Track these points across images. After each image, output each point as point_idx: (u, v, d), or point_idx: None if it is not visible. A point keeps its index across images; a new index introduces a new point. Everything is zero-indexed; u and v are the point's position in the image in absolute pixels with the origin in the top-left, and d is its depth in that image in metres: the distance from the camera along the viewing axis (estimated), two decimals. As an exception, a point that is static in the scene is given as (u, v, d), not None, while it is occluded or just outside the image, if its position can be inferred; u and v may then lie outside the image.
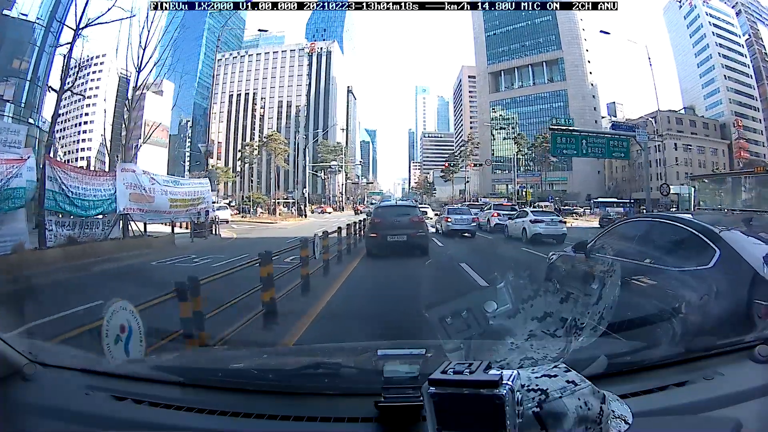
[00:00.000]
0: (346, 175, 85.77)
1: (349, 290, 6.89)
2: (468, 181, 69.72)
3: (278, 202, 57.06)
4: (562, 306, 1.10)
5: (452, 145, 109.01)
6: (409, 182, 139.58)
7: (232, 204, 52.50)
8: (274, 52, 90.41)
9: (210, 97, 52.54)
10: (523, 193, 48.12)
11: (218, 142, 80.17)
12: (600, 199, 44.07)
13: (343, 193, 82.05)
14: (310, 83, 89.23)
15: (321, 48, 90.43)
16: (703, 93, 61.82)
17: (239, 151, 75.39)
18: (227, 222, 25.65)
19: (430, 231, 14.89)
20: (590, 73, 69.01)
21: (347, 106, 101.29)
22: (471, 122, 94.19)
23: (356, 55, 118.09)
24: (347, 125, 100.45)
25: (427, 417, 0.89)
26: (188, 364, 1.73)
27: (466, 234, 16.67)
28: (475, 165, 65.43)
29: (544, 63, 73.01)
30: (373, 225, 11.41)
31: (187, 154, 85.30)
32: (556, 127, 25.89)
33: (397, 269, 8.59)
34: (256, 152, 64.29)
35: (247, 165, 74.58)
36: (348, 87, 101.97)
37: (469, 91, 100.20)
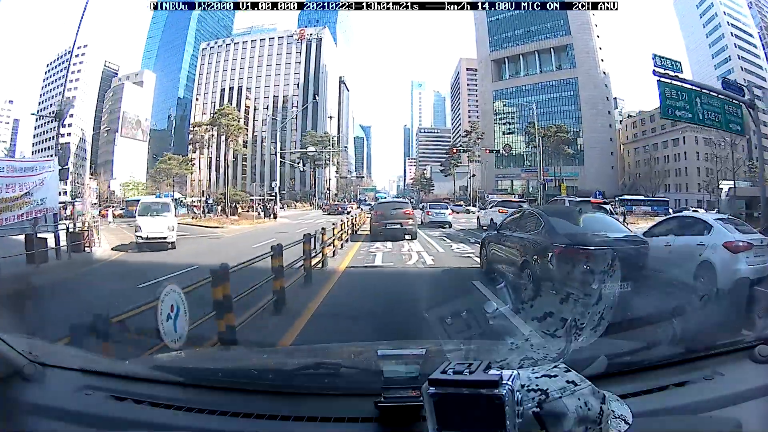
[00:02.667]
0: (337, 169, 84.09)
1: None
2: (473, 176, 68.63)
3: (250, 200, 54.79)
4: (562, 306, 1.18)
5: (449, 141, 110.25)
6: (404, 179, 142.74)
7: (198, 202, 46.30)
8: (261, 40, 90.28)
9: (194, 88, 51.51)
10: (558, 186, 43.86)
11: (201, 136, 79.84)
12: (625, 197, 42.24)
13: (330, 189, 79.23)
14: (299, 71, 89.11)
15: (311, 34, 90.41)
16: (718, 86, 62.12)
17: (188, 132, 63.11)
18: (170, 245, 14.38)
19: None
20: (602, 60, 69.10)
21: (339, 96, 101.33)
22: (469, 116, 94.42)
23: (350, 48, 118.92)
24: (339, 116, 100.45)
25: (427, 417, 0.94)
26: (188, 364, 1.82)
27: (443, 224, 21.39)
28: (490, 151, 62.08)
29: (551, 49, 72.86)
30: (375, 215, 16.40)
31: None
32: (663, 72, 17.26)
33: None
34: (209, 133, 53.16)
35: (199, 153, 69.72)
36: (340, 77, 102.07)
37: (468, 84, 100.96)
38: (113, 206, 46.25)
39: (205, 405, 1.28)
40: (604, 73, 68.89)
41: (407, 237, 14.94)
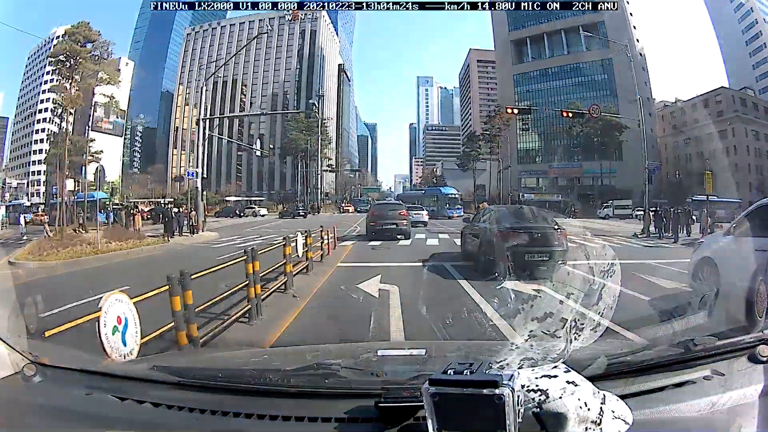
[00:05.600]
0: (334, 164, 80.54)
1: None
2: (509, 167, 65.36)
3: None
4: (562, 306, 1.33)
5: (458, 138, 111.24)
6: (411, 179, 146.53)
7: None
8: (250, 22, 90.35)
9: (177, 77, 49.67)
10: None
11: (191, 130, 79.78)
12: (697, 197, 39.24)
13: (320, 188, 71.78)
14: (292, 53, 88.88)
15: (305, 14, 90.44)
16: (755, 74, 61.24)
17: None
18: None
19: None
20: (637, 40, 68.39)
21: (339, 85, 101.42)
22: (481, 110, 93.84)
23: (351, 42, 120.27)
24: (339, 106, 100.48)
25: (427, 417, 1.06)
26: (189, 365, 2.01)
27: (419, 224, 27.82)
28: (569, 114, 56.42)
29: (580, 27, 72.12)
30: (372, 216, 19.62)
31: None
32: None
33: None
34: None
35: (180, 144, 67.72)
36: (340, 65, 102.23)
37: (479, 77, 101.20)
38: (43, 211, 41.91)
39: (206, 405, 1.42)
40: (641, 54, 68.00)
41: (400, 237, 18.40)
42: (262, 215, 51.29)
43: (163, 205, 29.42)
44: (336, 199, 77.21)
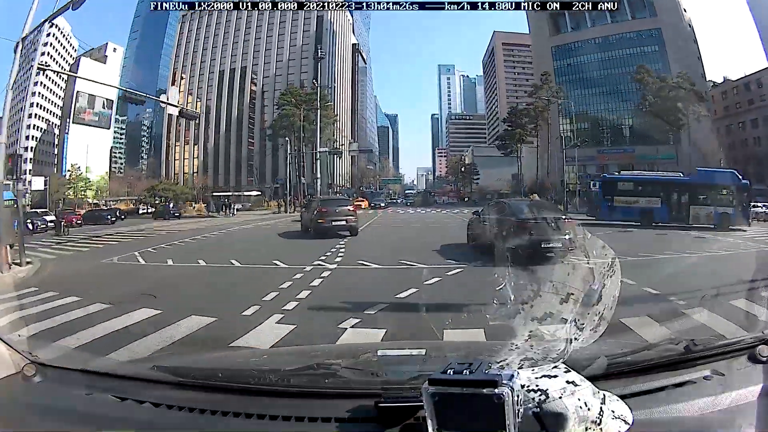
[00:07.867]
0: (338, 150, 71.42)
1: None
2: (578, 145, 62.02)
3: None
4: (563, 306, 1.45)
5: (484, 128, 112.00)
6: (434, 171, 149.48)
7: None
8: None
9: (170, 64, 49.20)
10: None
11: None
12: None
13: (318, 175, 59.79)
14: (297, 29, 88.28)
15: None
16: None
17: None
18: None
19: None
20: (684, 10, 66.47)
21: (353, 67, 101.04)
22: (507, 97, 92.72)
23: (371, 28, 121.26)
24: (354, 88, 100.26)
25: (427, 417, 1.17)
26: (189, 365, 2.19)
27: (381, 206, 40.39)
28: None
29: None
30: (319, 212, 20.07)
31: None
32: None
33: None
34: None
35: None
36: (354, 44, 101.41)
37: (505, 61, 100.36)
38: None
39: (206, 405, 1.57)
40: (690, 25, 66.11)
41: (346, 233, 19.18)
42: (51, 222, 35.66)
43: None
44: (349, 192, 69.26)
